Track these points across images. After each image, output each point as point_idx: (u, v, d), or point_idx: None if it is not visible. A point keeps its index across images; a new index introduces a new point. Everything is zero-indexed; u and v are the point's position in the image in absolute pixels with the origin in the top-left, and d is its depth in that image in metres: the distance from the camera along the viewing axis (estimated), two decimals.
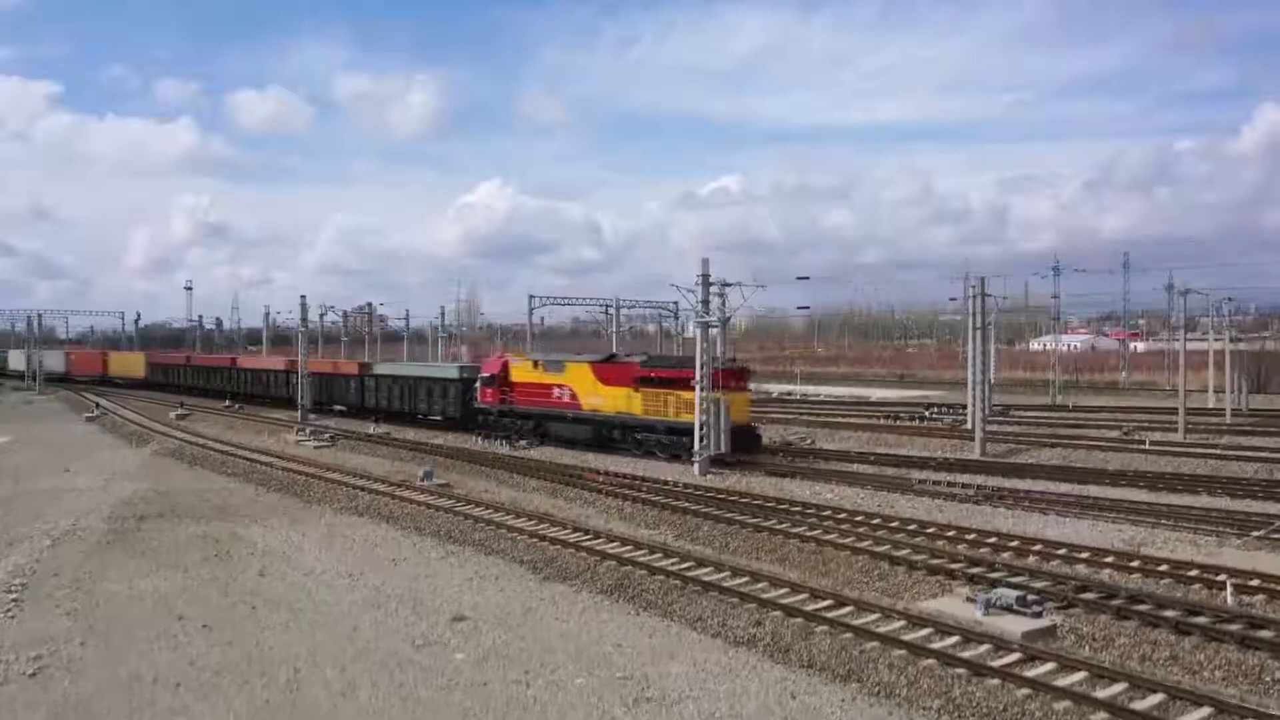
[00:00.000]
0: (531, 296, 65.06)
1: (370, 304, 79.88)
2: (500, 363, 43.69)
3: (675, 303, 62.46)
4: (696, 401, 32.28)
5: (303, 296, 56.87)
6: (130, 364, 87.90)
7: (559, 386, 39.59)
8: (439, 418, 47.43)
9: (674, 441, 34.75)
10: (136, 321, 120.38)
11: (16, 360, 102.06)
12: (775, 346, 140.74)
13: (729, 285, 32.21)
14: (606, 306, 64.71)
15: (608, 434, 37.53)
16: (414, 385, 49.32)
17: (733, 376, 34.41)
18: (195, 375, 73.75)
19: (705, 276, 32.16)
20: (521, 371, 41.92)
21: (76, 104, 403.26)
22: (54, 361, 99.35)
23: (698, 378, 32.28)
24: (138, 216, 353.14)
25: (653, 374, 35.99)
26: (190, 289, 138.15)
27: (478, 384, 43.35)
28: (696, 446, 32.14)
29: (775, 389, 75.30)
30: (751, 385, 38.43)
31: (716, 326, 33.02)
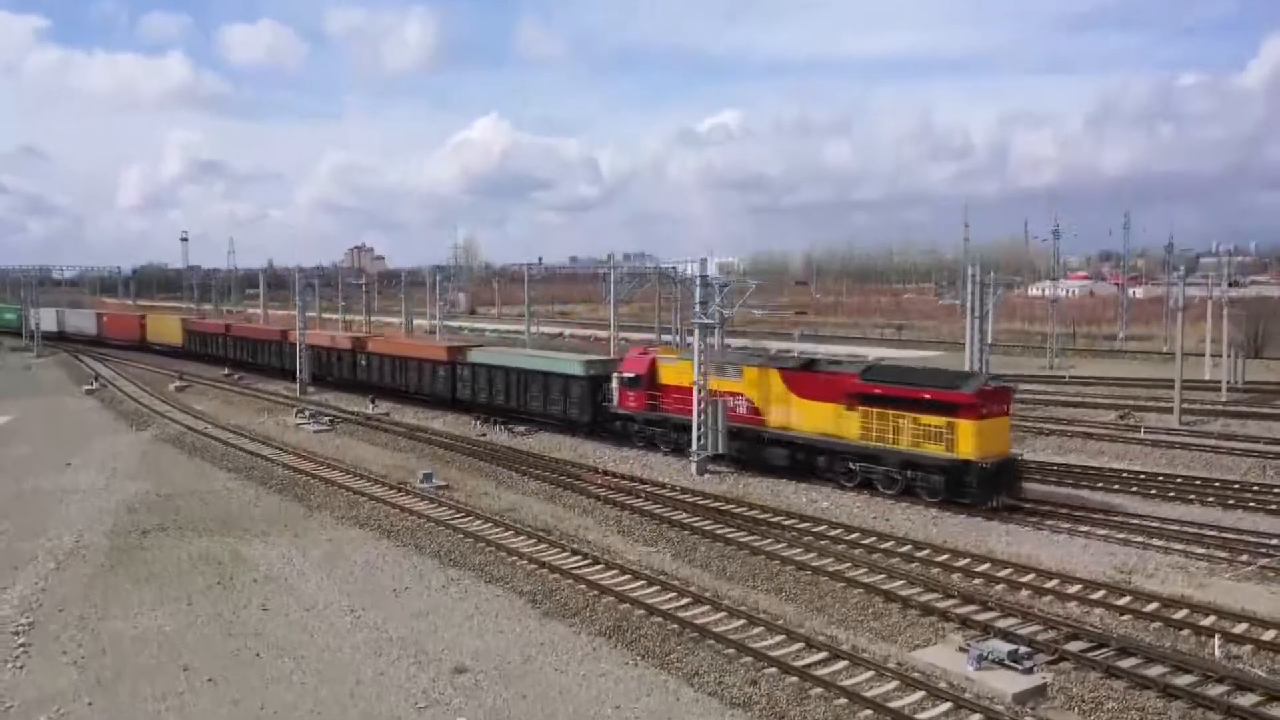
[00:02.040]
0: (529, 265, 65.49)
1: (363, 247, 79.37)
2: (646, 361, 37.19)
3: (674, 267, 62.39)
4: (695, 399, 32.40)
5: (298, 270, 56.62)
6: (168, 329, 78.95)
7: (731, 395, 33.17)
8: (559, 420, 40.87)
9: (915, 478, 28.19)
10: (134, 273, 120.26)
11: (48, 320, 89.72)
12: (775, 290, 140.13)
13: (726, 286, 32.11)
14: (603, 274, 64.67)
15: (806, 460, 31.04)
16: (524, 379, 42.09)
17: (992, 399, 27.89)
18: (238, 348, 66.66)
19: (704, 278, 32.11)
20: (675, 373, 35.16)
21: (65, 38, 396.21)
22: (82, 322, 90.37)
23: (695, 378, 32.37)
24: (130, 153, 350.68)
25: (877, 389, 29.12)
26: (186, 240, 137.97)
27: (614, 384, 37.58)
28: (694, 446, 32.36)
29: (774, 346, 75.27)
30: (747, 342, 35.06)
31: (714, 328, 33.01)
